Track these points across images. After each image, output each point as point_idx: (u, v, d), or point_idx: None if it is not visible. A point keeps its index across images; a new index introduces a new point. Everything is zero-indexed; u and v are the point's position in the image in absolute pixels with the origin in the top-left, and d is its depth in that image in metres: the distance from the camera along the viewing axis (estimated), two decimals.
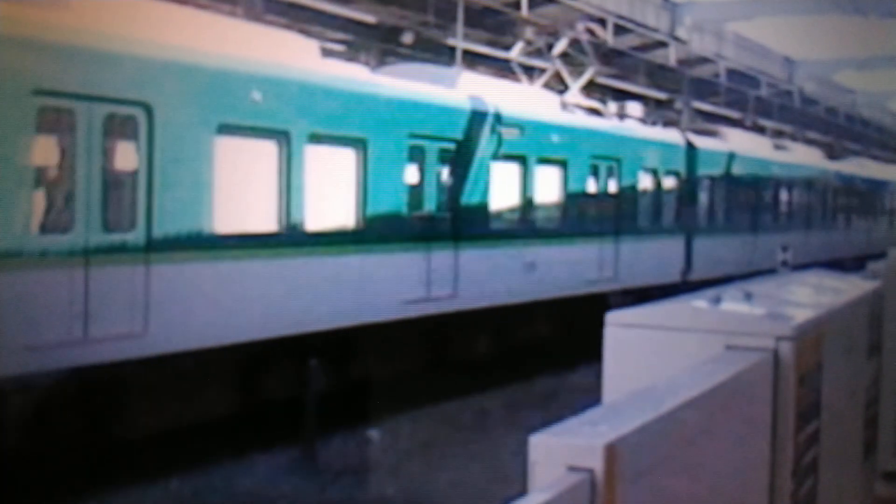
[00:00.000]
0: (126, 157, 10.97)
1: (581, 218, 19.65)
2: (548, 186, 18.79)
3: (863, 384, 6.50)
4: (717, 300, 4.80)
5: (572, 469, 2.67)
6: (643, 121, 26.98)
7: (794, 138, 40.57)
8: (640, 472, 2.90)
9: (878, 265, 8.48)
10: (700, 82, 36.83)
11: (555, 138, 18.91)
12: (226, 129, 11.92)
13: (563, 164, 18.94)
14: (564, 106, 20.91)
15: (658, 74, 34.50)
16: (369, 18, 22.44)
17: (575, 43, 23.67)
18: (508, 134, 17.59)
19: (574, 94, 22.37)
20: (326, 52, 17.01)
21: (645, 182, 22.24)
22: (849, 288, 6.79)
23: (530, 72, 23.86)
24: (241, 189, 12.34)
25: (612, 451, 2.70)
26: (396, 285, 14.67)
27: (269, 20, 19.54)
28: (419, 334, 15.76)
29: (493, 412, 15.12)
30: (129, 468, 10.93)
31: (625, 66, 33.12)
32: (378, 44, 24.61)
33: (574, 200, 19.36)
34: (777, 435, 4.38)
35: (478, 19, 25.42)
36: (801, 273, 8.15)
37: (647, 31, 31.05)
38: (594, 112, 22.72)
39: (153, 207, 11.01)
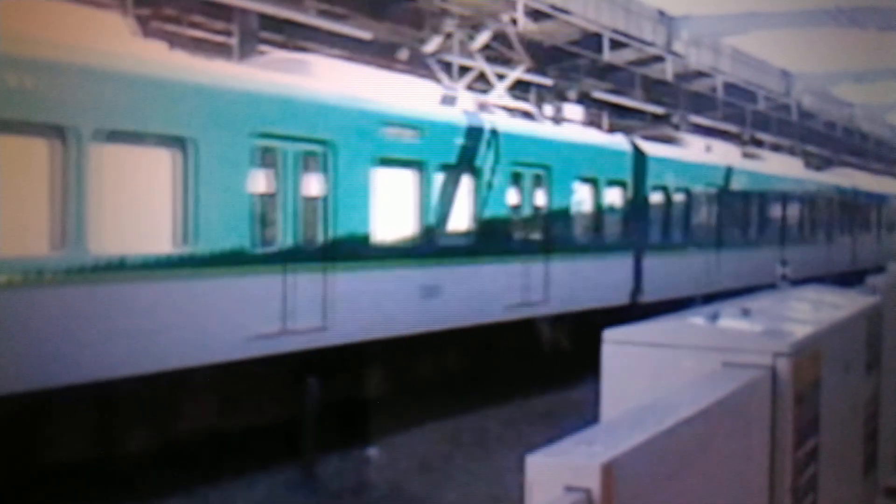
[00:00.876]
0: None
1: (498, 234, 17.18)
2: (453, 197, 16.29)
3: (862, 400, 6.48)
4: (714, 317, 4.79)
5: (569, 489, 2.66)
6: (596, 126, 26.06)
7: (774, 148, 39.80)
8: (637, 491, 2.88)
9: (878, 280, 8.47)
10: (697, 96, 36.88)
11: (464, 141, 16.46)
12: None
13: (474, 171, 16.58)
14: (483, 107, 18.79)
15: (655, 89, 34.54)
16: (364, 35, 22.45)
17: (500, 36, 21.68)
18: (394, 134, 15.06)
19: (498, 95, 20.60)
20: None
21: (582, 193, 19.89)
22: (847, 303, 6.78)
23: (457, 70, 21.98)
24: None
25: (608, 471, 2.69)
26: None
27: (265, 38, 19.59)
28: None
29: None
30: (129, 483, 10.89)
31: (621, 80, 33.17)
32: (373, 60, 24.63)
33: (491, 213, 16.88)
34: (775, 452, 4.36)
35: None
36: (799, 288, 8.14)
37: (644, 45, 31.06)
38: (527, 115, 20.73)
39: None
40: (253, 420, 12.99)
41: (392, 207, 15.03)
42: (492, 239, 16.96)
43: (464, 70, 21.98)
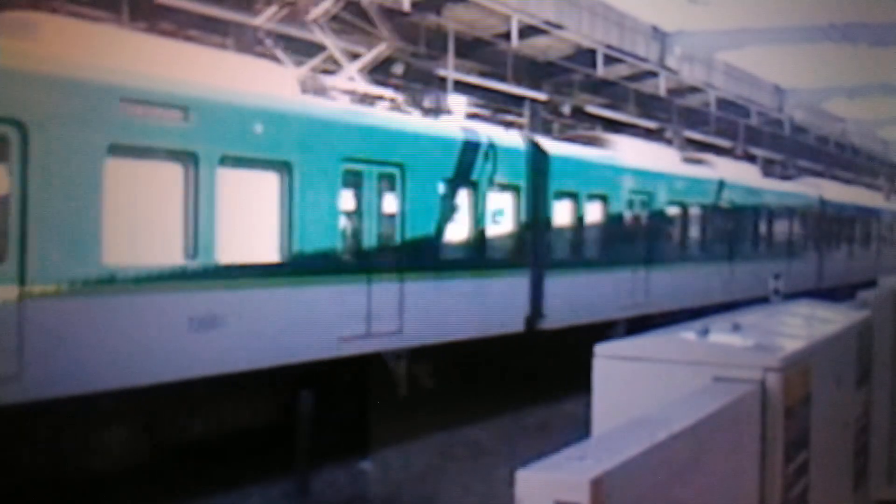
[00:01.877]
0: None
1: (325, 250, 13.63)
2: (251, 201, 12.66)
3: (853, 414, 6.50)
4: (705, 332, 4.81)
5: None
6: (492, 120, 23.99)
7: (729, 153, 37.30)
8: None
9: (869, 294, 8.50)
10: (690, 111, 36.97)
11: (265, 129, 12.74)
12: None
13: (286, 167, 12.87)
14: (322, 91, 15.50)
15: (648, 104, 34.63)
16: (360, 50, 22.48)
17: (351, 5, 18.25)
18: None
19: (349, 77, 17.22)
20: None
21: (460, 198, 16.43)
22: (838, 318, 6.81)
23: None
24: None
25: (598, 486, 2.71)
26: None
27: (259, 51, 19.57)
28: None
29: None
30: (120, 497, 10.87)
31: (615, 95, 33.26)
32: (368, 75, 24.66)
33: (314, 220, 13.38)
34: (766, 466, 4.38)
35: (468, 50, 25.54)
36: (790, 303, 8.17)
37: (637, 60, 31.17)
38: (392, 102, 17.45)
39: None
40: (245, 433, 12.97)
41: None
42: (311, 257, 13.41)
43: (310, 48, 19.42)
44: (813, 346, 5.32)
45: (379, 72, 23.97)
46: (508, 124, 25.64)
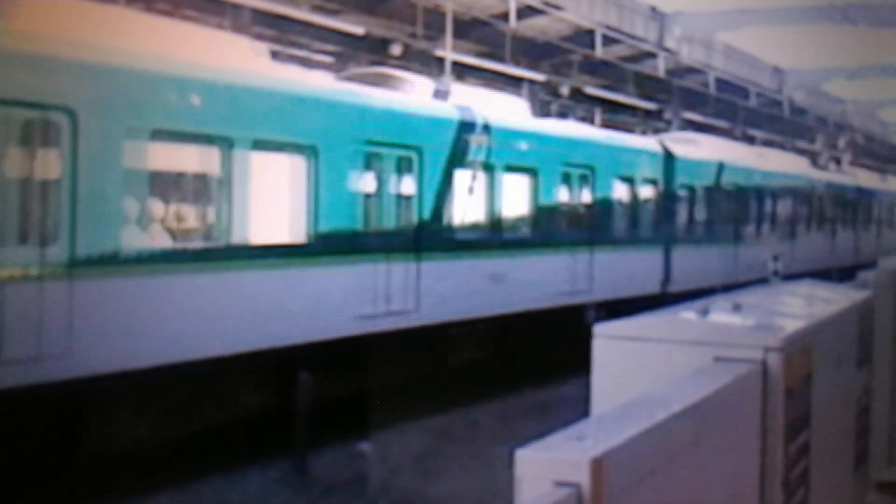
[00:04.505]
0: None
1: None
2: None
3: (854, 394, 6.48)
4: (705, 311, 4.78)
5: (559, 484, 2.64)
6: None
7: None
8: (627, 485, 2.87)
9: (869, 275, 8.47)
10: (689, 92, 36.90)
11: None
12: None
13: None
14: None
15: (647, 85, 34.56)
16: (357, 30, 22.43)
17: None
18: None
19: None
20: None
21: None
22: (839, 298, 6.78)
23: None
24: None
25: (598, 466, 2.68)
26: None
27: (257, 32, 19.53)
28: None
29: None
30: (119, 480, 10.86)
31: (613, 76, 33.18)
32: (366, 55, 24.60)
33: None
34: (766, 446, 4.36)
35: (467, 31, 25.46)
36: (791, 283, 8.14)
37: (636, 41, 31.09)
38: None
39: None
40: (247, 414, 12.98)
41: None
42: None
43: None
44: (814, 325, 5.29)
45: (377, 53, 23.94)
46: None
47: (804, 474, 4.85)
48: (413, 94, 17.05)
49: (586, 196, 20.10)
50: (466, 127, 16.78)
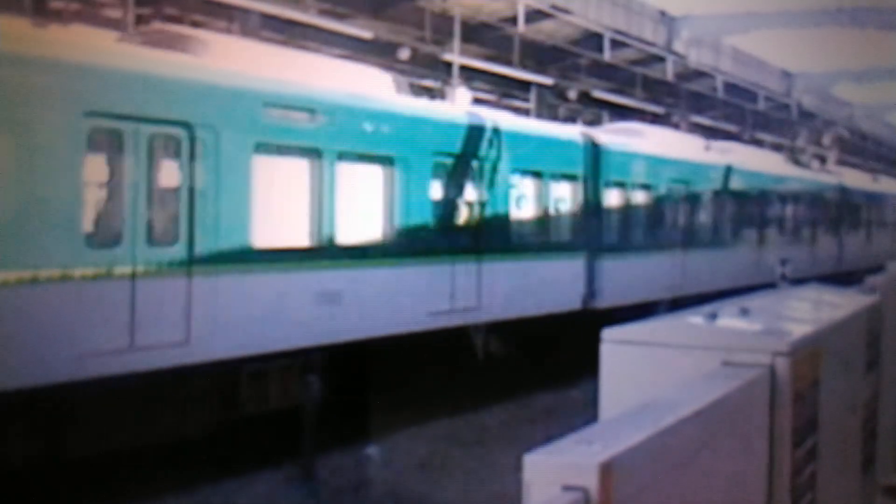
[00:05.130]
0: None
1: None
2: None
3: (861, 399, 6.48)
4: (713, 316, 4.79)
5: (567, 488, 2.65)
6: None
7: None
8: (635, 490, 2.88)
9: (877, 279, 8.47)
10: (697, 96, 36.88)
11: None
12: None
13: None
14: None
15: (656, 88, 34.54)
16: (366, 34, 22.46)
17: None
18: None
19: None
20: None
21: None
22: (847, 303, 6.78)
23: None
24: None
25: (606, 470, 2.69)
26: None
27: (266, 37, 19.57)
28: None
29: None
30: (127, 483, 10.88)
31: (622, 80, 33.18)
32: (375, 59, 24.64)
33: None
34: (774, 451, 4.36)
35: (475, 35, 25.48)
36: (798, 288, 8.14)
37: (645, 45, 31.08)
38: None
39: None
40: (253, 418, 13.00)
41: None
42: None
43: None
44: (822, 330, 5.29)
45: (385, 57, 23.96)
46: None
47: (812, 478, 4.85)
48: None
49: (470, 194, 16.54)
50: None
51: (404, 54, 23.97)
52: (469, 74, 25.50)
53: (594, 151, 20.36)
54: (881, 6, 33.38)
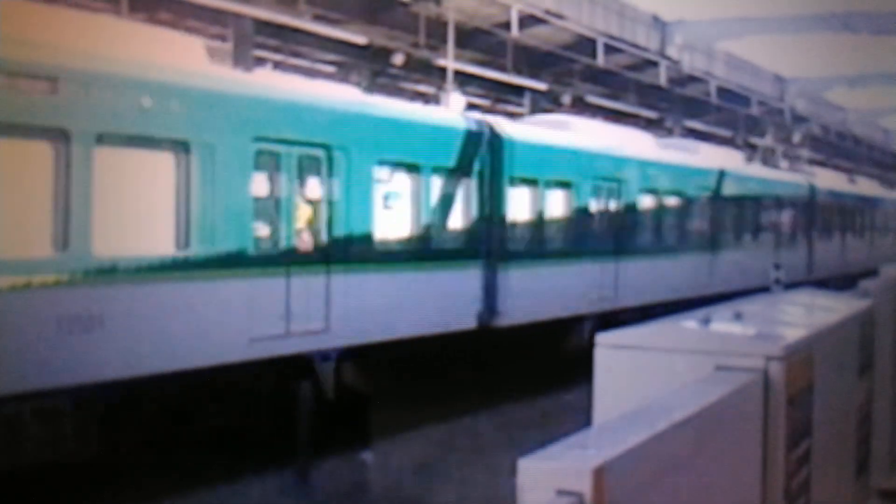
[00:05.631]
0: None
1: None
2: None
3: (855, 403, 6.49)
4: (706, 320, 4.80)
5: (561, 493, 2.66)
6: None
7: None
8: (629, 494, 2.89)
9: (870, 283, 8.48)
10: (691, 101, 36.90)
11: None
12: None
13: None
14: None
15: (649, 93, 34.58)
16: (360, 39, 22.47)
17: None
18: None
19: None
20: None
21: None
22: (840, 306, 6.79)
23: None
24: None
25: (600, 474, 2.69)
26: None
27: (260, 42, 19.58)
28: None
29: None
30: (122, 487, 10.86)
31: (615, 85, 33.21)
32: (368, 65, 24.65)
33: None
34: (768, 455, 4.37)
35: (469, 40, 25.50)
36: (792, 292, 8.15)
37: (638, 50, 31.12)
38: None
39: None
40: (245, 421, 12.99)
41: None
42: None
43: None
44: (815, 334, 5.30)
45: (380, 62, 23.97)
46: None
47: (805, 483, 4.86)
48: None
49: (312, 191, 14.01)
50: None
51: (398, 59, 23.98)
52: (463, 80, 25.50)
53: (496, 143, 17.68)
54: (874, 11, 33.46)
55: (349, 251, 14.25)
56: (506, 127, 18.55)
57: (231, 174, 12.51)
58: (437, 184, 16.37)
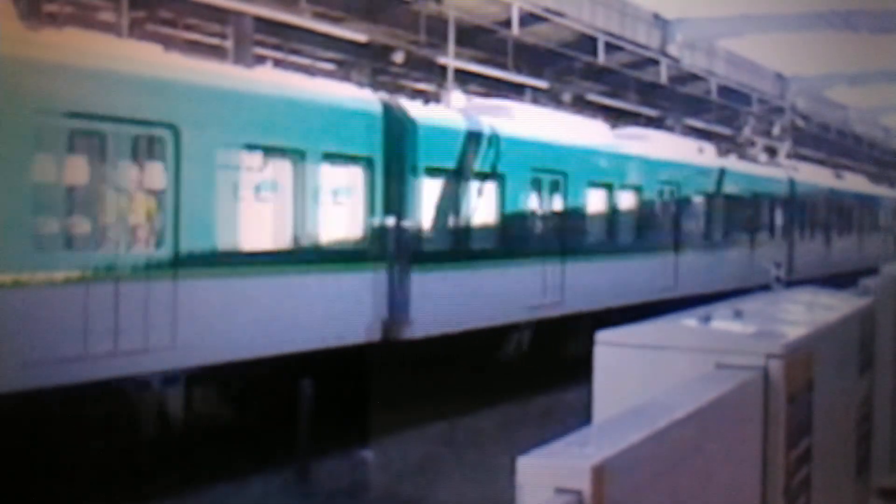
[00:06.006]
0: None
1: None
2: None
3: (855, 401, 6.48)
4: (706, 318, 4.79)
5: (560, 491, 2.65)
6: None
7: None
8: (628, 493, 2.88)
9: (871, 281, 8.47)
10: (691, 99, 36.89)
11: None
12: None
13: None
14: None
15: (649, 91, 34.56)
16: (360, 38, 22.46)
17: None
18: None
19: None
20: None
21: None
22: (840, 305, 6.79)
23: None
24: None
25: (599, 473, 2.68)
26: None
27: (260, 40, 19.55)
28: None
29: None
30: (121, 485, 10.85)
31: (616, 83, 33.19)
32: (369, 63, 24.64)
33: None
34: (768, 453, 4.36)
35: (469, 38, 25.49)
36: (792, 290, 8.14)
37: (638, 48, 31.11)
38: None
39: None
40: (248, 421, 12.97)
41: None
42: None
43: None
44: (815, 332, 5.29)
45: (380, 60, 23.95)
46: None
47: (806, 481, 4.85)
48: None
49: (150, 180, 11.74)
50: None
51: (399, 58, 23.96)
52: (463, 78, 25.48)
53: (408, 127, 15.39)
54: (874, 9, 33.47)
55: (198, 253, 11.90)
56: (420, 110, 16.56)
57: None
58: (328, 173, 14.06)
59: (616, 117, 32.75)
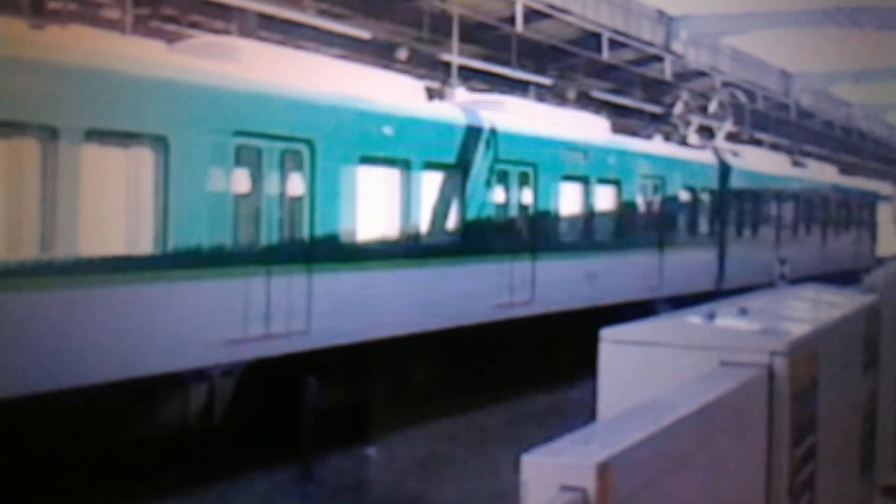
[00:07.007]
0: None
1: None
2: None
3: (860, 399, 6.47)
4: (711, 316, 4.78)
5: (565, 488, 2.65)
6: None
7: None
8: (633, 490, 2.88)
9: (875, 279, 8.46)
10: (696, 96, 36.83)
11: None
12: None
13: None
14: None
15: (654, 88, 34.52)
16: (363, 34, 22.45)
17: None
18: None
19: None
20: None
21: None
22: (845, 302, 6.78)
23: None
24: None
25: (604, 470, 2.68)
26: None
27: (264, 37, 19.54)
28: None
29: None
30: (124, 484, 10.86)
31: (620, 80, 33.17)
32: (372, 59, 24.62)
33: None
34: (772, 451, 4.36)
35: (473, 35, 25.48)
36: (796, 288, 8.13)
37: (643, 45, 31.08)
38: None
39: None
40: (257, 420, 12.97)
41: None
42: None
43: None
44: (820, 330, 5.29)
45: (383, 57, 23.95)
46: None
47: (810, 479, 4.85)
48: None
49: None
50: None
51: (402, 54, 23.95)
52: (467, 74, 25.47)
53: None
54: (879, 6, 33.43)
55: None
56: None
57: None
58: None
59: (619, 114, 32.72)
